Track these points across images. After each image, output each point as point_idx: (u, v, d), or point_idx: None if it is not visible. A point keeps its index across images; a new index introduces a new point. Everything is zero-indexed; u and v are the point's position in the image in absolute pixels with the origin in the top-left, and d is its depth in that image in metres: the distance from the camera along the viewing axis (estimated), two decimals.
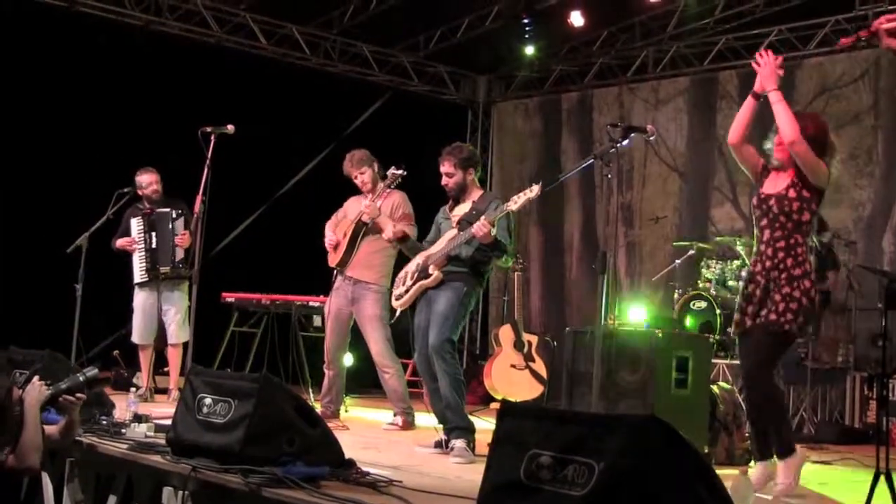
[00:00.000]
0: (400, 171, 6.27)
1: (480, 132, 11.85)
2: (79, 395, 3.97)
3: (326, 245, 6.74)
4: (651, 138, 5.21)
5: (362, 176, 6.68)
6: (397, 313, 5.84)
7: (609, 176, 4.96)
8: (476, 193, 5.60)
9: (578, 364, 5.67)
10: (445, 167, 5.54)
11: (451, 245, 5.40)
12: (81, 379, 4.00)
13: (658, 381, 5.39)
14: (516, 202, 5.10)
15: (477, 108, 11.90)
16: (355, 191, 6.83)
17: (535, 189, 5.04)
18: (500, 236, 5.30)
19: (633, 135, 5.01)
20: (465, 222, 5.42)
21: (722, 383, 6.16)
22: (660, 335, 5.55)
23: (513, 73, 11.62)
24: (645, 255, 10.18)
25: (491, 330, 10.30)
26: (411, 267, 5.68)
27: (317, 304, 7.69)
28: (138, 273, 7.53)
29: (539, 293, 11.01)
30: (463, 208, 5.57)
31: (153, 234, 7.51)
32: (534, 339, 8.19)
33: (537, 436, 2.96)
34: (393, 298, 5.77)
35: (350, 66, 10.67)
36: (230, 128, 6.53)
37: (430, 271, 5.45)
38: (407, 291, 5.59)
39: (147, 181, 7.57)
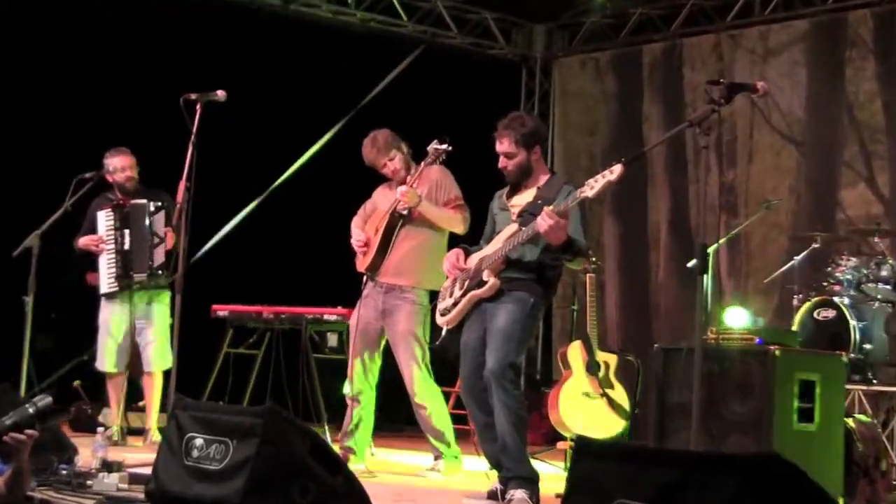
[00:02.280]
0: (444, 146, 6.27)
1: (538, 96, 11.81)
2: (28, 431, 3.95)
3: (355, 246, 6.77)
4: (761, 99, 5.16)
5: (392, 163, 6.68)
6: (442, 332, 5.82)
7: (707, 148, 4.93)
8: (541, 178, 5.60)
9: (671, 391, 5.67)
10: (503, 145, 5.53)
11: (511, 244, 5.38)
12: (31, 411, 3.97)
13: (776, 412, 5.34)
14: (593, 187, 5.04)
15: (533, 65, 11.87)
16: (383, 176, 6.84)
17: (617, 169, 4.98)
18: (574, 233, 5.27)
19: (737, 95, 4.97)
20: (527, 215, 5.40)
21: (860, 416, 6.08)
22: (777, 353, 5.51)
23: (579, 20, 11.56)
24: (753, 249, 10.09)
25: (556, 349, 10.23)
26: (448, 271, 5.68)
27: (333, 318, 7.70)
28: (106, 281, 7.57)
29: (617, 301, 10.96)
30: (525, 197, 5.56)
31: (126, 231, 7.54)
32: (612, 359, 8.13)
33: (622, 481, 2.96)
34: (437, 313, 5.76)
35: (371, 14, 10.68)
36: (220, 94, 6.52)
37: (486, 278, 5.44)
38: (455, 304, 5.59)
39: (119, 164, 7.59)
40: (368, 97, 10.73)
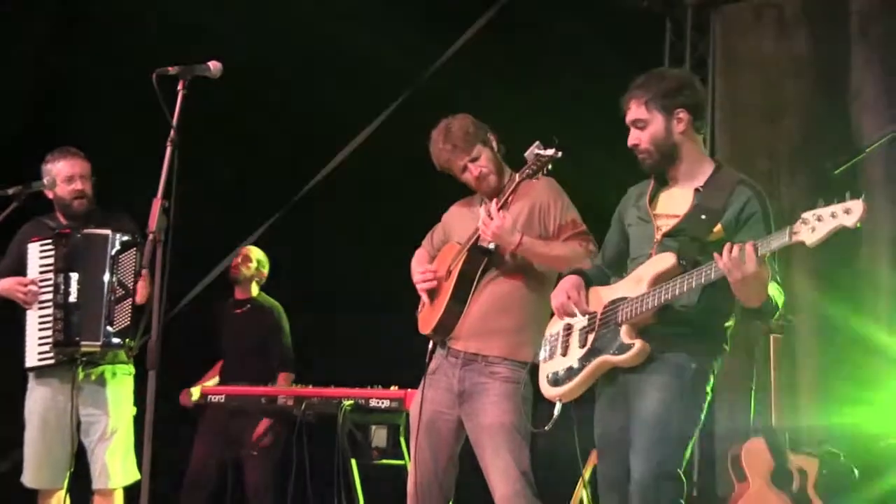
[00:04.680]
0: (550, 152, 6.24)
1: (690, 61, 11.78)
2: None
3: (418, 284, 6.75)
4: None
5: (476, 165, 6.65)
6: (555, 411, 5.69)
7: None
8: (699, 168, 5.52)
9: None
10: (632, 111, 5.50)
11: (670, 293, 5.26)
12: None
13: None
14: (815, 229, 4.82)
15: (682, 17, 11.89)
16: (460, 189, 6.82)
17: (858, 210, 4.74)
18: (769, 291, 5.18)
19: None
20: (686, 238, 5.34)
21: None
22: None
23: None
24: None
25: (722, 447, 10.15)
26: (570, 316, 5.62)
27: (383, 404, 7.75)
28: (36, 350, 7.56)
29: (815, 372, 10.83)
30: (676, 200, 5.49)
31: (73, 275, 7.54)
32: (811, 465, 8.08)
33: None
34: (542, 378, 5.69)
35: None
36: (213, 67, 6.51)
37: (627, 339, 5.36)
38: (576, 371, 5.52)
39: (65, 172, 7.61)
40: (433, 67, 10.75)
